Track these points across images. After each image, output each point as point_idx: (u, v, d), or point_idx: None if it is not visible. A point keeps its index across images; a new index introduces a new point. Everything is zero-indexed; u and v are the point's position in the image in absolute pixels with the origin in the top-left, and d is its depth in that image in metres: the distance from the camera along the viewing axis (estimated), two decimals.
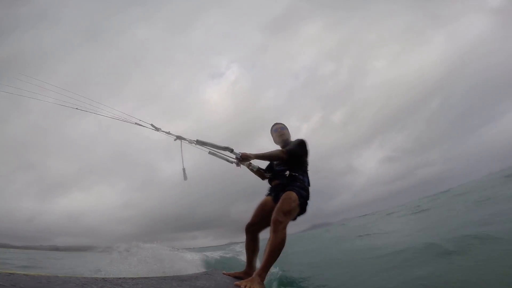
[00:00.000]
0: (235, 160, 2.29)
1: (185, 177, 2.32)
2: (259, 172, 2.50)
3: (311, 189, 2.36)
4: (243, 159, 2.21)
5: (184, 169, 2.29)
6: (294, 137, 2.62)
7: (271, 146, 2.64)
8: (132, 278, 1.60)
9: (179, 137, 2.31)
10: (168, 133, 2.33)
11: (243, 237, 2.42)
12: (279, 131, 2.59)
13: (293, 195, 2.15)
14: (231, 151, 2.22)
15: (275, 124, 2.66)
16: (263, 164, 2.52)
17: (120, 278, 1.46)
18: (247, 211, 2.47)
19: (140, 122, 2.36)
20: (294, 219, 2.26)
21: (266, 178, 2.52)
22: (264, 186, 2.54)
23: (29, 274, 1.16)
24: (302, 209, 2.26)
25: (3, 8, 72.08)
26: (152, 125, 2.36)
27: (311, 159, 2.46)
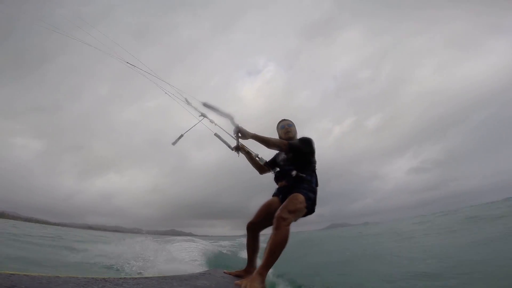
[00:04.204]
0: (233, 147, 2.41)
1: (174, 142, 2.53)
2: (260, 165, 2.47)
3: (319, 189, 2.30)
4: (241, 133, 2.19)
5: (181, 136, 2.54)
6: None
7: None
8: (133, 278, 1.60)
9: (203, 115, 2.57)
10: (196, 109, 2.56)
11: None
12: (286, 128, 2.52)
13: (300, 197, 2.13)
14: (232, 119, 2.23)
15: (283, 120, 2.61)
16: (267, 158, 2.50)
17: (121, 278, 1.46)
18: None
19: (172, 94, 2.62)
20: (304, 215, 2.22)
21: (266, 172, 2.50)
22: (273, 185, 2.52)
23: (29, 274, 1.15)
24: (310, 209, 2.22)
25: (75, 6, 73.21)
26: (186, 99, 2.60)
27: (318, 158, 2.39)
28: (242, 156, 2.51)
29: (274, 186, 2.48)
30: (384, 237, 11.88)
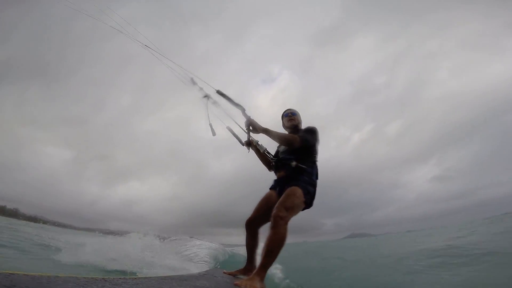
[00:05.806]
0: (244, 141, 2.36)
1: (213, 133, 2.37)
2: (265, 159, 2.39)
3: (319, 182, 2.17)
4: (252, 127, 2.18)
5: (211, 125, 2.37)
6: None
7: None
8: (132, 278, 1.60)
9: (206, 96, 2.38)
10: (201, 89, 2.38)
11: None
12: (290, 116, 2.47)
13: (298, 191, 2.00)
14: (243, 110, 2.23)
15: (287, 109, 2.55)
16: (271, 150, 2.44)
17: (120, 278, 1.46)
18: None
19: (176, 74, 2.36)
20: (302, 210, 2.12)
21: (272, 168, 2.39)
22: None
23: (29, 274, 1.15)
24: (309, 204, 2.11)
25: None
26: (192, 79, 2.37)
27: (320, 148, 2.27)
28: (251, 158, 2.42)
29: None
30: None
